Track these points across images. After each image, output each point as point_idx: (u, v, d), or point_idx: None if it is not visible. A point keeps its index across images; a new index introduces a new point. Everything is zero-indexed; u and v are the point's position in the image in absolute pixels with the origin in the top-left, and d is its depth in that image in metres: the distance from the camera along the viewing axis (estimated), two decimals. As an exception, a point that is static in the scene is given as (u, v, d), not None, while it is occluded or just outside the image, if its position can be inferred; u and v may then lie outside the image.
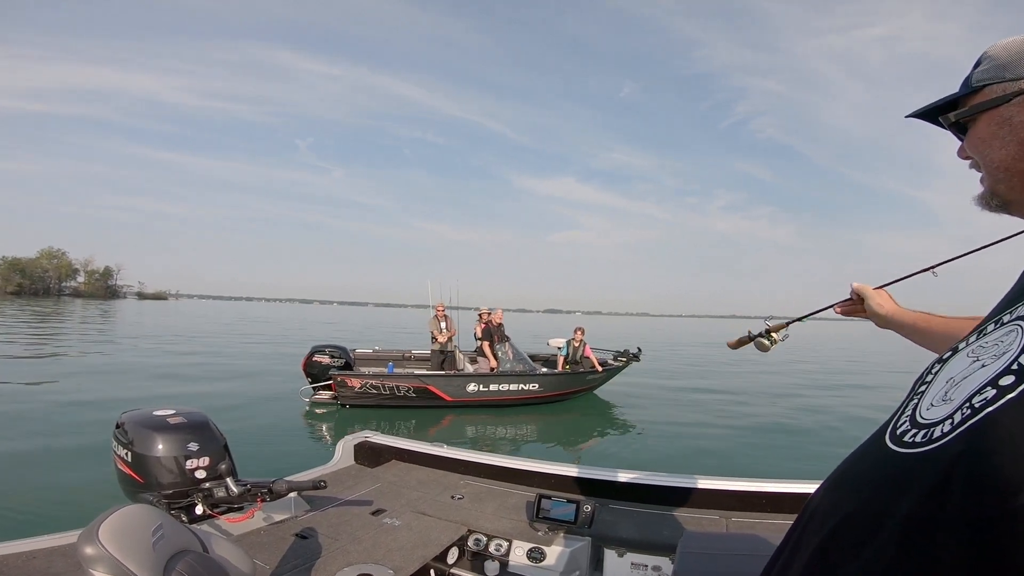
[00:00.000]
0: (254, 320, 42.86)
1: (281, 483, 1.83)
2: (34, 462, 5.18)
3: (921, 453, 0.44)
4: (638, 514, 2.13)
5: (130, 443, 1.83)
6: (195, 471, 1.83)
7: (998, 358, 0.45)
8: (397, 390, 8.20)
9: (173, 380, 10.59)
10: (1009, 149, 0.55)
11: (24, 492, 4.34)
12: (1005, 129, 0.56)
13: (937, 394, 0.49)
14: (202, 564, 1.09)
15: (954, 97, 0.62)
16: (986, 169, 0.59)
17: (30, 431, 6.28)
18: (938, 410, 0.46)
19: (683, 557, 1.39)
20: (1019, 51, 0.57)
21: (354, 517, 2.06)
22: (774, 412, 9.57)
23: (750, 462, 6.36)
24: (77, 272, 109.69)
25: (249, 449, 5.75)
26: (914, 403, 0.52)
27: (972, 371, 0.47)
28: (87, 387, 9.28)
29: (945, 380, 0.50)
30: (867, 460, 0.51)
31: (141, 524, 1.02)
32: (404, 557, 1.76)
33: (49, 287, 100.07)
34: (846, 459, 0.55)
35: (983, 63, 0.59)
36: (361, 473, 2.60)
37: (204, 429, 1.93)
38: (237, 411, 7.86)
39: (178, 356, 14.77)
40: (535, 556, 1.89)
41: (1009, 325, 0.50)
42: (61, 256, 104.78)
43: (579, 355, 9.67)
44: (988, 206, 0.61)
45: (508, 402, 8.79)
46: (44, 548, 1.57)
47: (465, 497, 2.32)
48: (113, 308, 54.41)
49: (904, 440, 0.47)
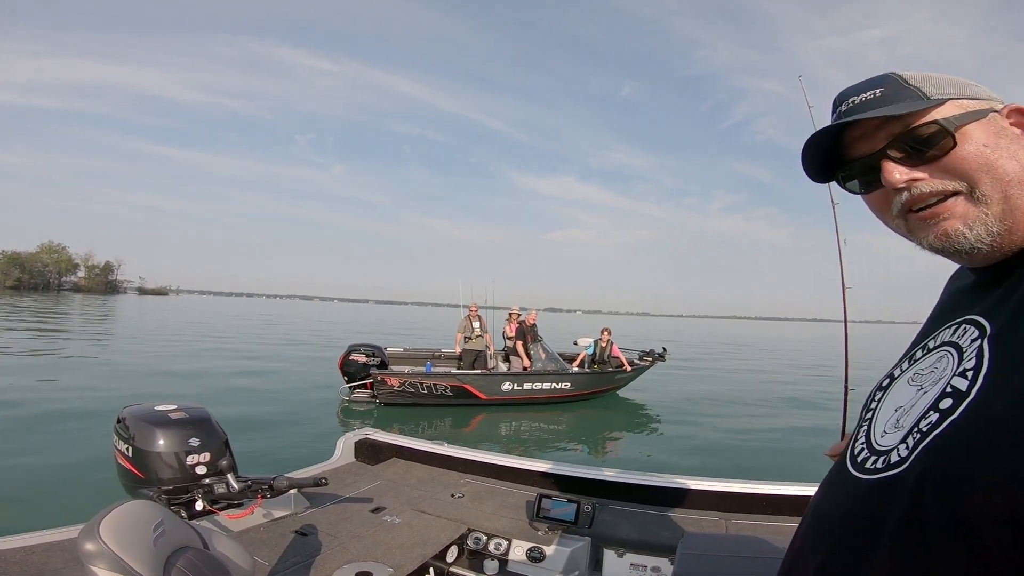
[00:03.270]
0: (261, 318, 42.90)
1: (282, 480, 1.83)
2: (33, 456, 5.12)
3: (887, 478, 0.47)
4: (638, 515, 2.13)
5: (131, 438, 1.82)
6: (196, 467, 1.82)
7: (935, 384, 0.50)
8: (435, 389, 8.37)
9: (202, 379, 10.72)
10: (1017, 160, 0.49)
11: (22, 487, 4.33)
12: (1004, 140, 0.50)
13: (888, 421, 0.53)
14: (203, 560, 1.09)
15: (913, 109, 0.51)
16: (994, 186, 0.49)
17: (29, 427, 6.19)
18: (891, 437, 0.50)
19: (683, 558, 1.38)
20: (950, 79, 0.54)
21: (354, 514, 2.07)
22: (799, 413, 9.76)
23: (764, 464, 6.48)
24: (77, 267, 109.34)
25: (289, 448, 5.86)
26: (865, 430, 0.56)
27: (917, 398, 0.51)
28: (94, 383, 9.24)
29: (894, 408, 0.54)
30: (837, 491, 0.55)
31: (142, 520, 1.02)
32: (403, 555, 1.77)
33: (49, 282, 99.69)
34: (818, 490, 0.59)
35: (915, 83, 0.53)
36: (361, 470, 2.60)
37: (205, 425, 1.92)
38: (275, 409, 8.04)
39: (200, 355, 14.89)
40: (535, 555, 1.90)
41: (938, 351, 0.54)
42: (61, 251, 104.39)
43: (607, 355, 9.86)
44: (982, 242, 0.50)
45: (540, 400, 8.98)
46: (42, 543, 1.55)
47: (465, 496, 2.32)
48: (114, 303, 54.25)
49: (866, 467, 0.51)
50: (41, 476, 4.61)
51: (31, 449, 5.36)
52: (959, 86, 0.53)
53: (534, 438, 7.67)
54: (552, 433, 8.02)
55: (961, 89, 0.53)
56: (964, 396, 0.45)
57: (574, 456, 6.89)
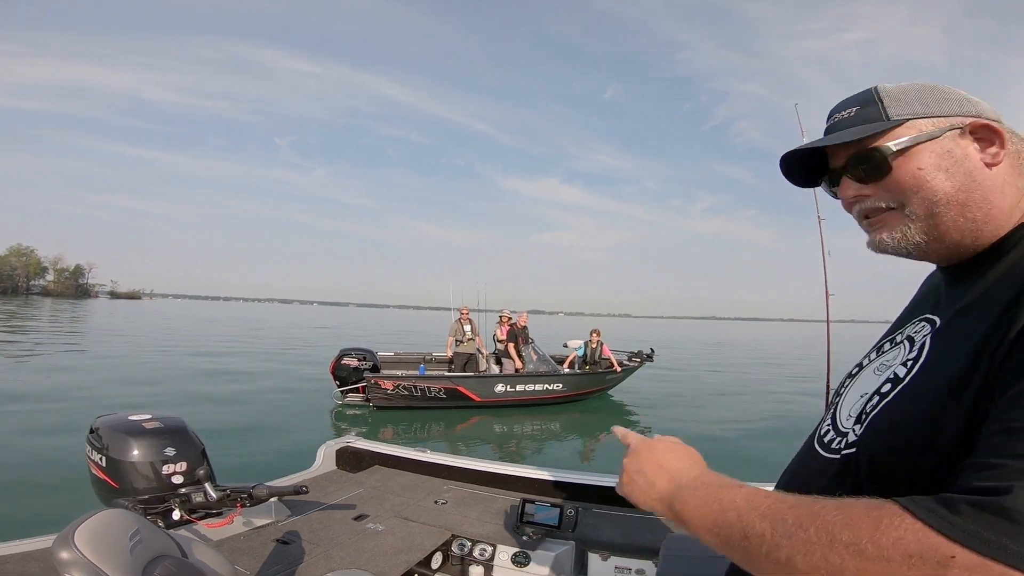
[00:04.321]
0: (240, 322, 42.07)
1: (261, 488, 1.81)
2: (2, 466, 4.98)
3: (844, 456, 0.56)
4: (621, 518, 2.14)
5: (104, 448, 1.80)
6: (172, 476, 1.81)
7: (886, 372, 0.58)
8: (428, 391, 8.40)
9: (196, 383, 10.55)
10: (956, 180, 0.56)
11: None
12: (948, 160, 0.56)
13: (853, 405, 0.61)
14: (181, 569, 1.07)
15: (861, 136, 0.59)
16: (921, 206, 0.57)
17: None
18: (851, 420, 0.59)
19: (666, 560, 1.40)
20: (927, 93, 0.59)
21: (336, 522, 2.06)
22: (784, 411, 10.05)
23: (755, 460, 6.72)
24: (46, 270, 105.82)
25: (284, 455, 5.74)
26: (832, 412, 0.65)
27: (874, 384, 0.59)
28: (64, 392, 8.99)
29: (859, 395, 0.61)
30: (805, 463, 0.64)
31: (118, 528, 1.00)
32: (387, 562, 1.76)
33: (17, 285, 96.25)
34: (791, 461, 0.69)
35: (885, 102, 0.60)
36: (343, 478, 2.58)
37: (181, 434, 1.91)
38: (267, 414, 7.99)
39: (187, 359, 14.61)
40: (520, 560, 1.90)
41: (899, 345, 0.62)
42: (30, 254, 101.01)
43: (597, 355, 10.02)
44: (906, 249, 0.60)
45: (533, 402, 9.09)
46: (16, 553, 1.52)
47: (448, 502, 2.31)
48: (84, 308, 52.45)
49: (830, 446, 0.60)
50: (12, 486, 4.51)
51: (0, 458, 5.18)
52: (928, 102, 0.59)
53: (528, 439, 7.76)
54: (547, 433, 8.11)
55: (928, 106, 0.58)
56: (900, 381, 0.54)
57: (562, 458, 6.97)
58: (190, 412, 7.23)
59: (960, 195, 0.56)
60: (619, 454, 0.69)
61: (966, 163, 0.56)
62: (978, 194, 0.55)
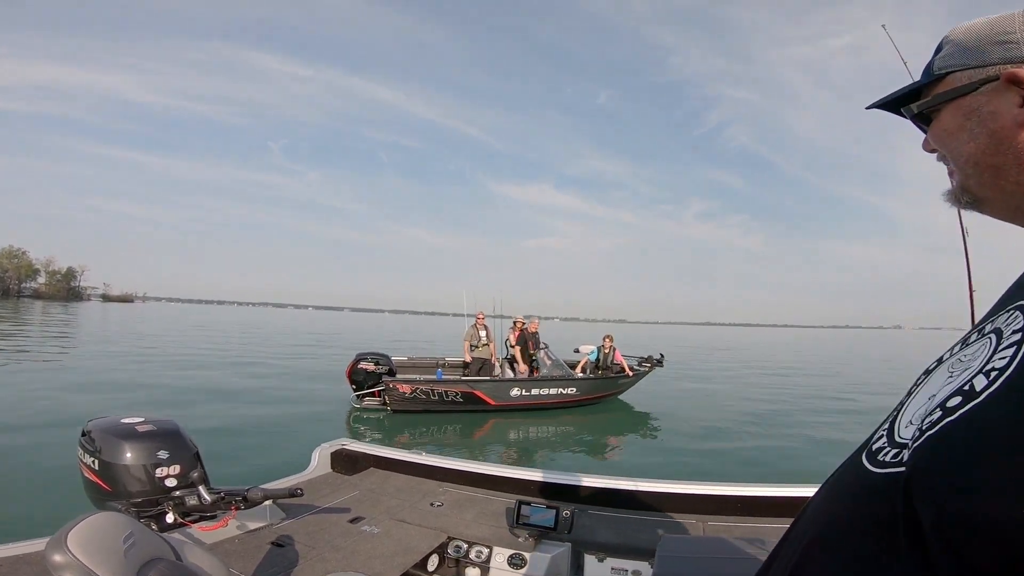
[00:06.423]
0: (238, 326, 41.85)
1: (256, 491, 1.81)
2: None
3: (891, 475, 0.42)
4: (617, 519, 2.15)
5: (97, 451, 1.79)
6: (165, 479, 1.80)
7: (961, 375, 0.43)
8: (445, 395, 8.49)
9: (209, 393, 10.55)
10: (979, 142, 0.49)
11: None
12: (973, 120, 0.49)
13: (916, 411, 0.46)
14: (175, 572, 1.07)
15: (916, 86, 0.54)
16: (955, 163, 0.52)
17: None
18: (910, 430, 0.44)
19: (662, 561, 1.40)
20: (984, 34, 0.49)
21: (332, 525, 2.05)
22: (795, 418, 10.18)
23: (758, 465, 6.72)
24: (38, 273, 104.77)
25: (297, 456, 5.73)
26: (893, 417, 0.50)
27: (942, 388, 0.44)
28: (55, 394, 8.84)
29: (927, 396, 0.46)
30: (842, 478, 0.51)
31: (111, 531, 0.99)
32: (383, 564, 1.75)
33: (8, 288, 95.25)
34: (833, 472, 0.54)
35: (944, 48, 0.53)
36: (338, 481, 2.56)
37: (175, 437, 1.90)
38: (285, 419, 8.03)
39: (202, 366, 14.57)
40: (516, 562, 1.89)
41: (985, 337, 0.47)
42: (21, 256, 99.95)
43: (609, 360, 10.14)
44: (958, 202, 0.54)
45: (547, 406, 9.21)
46: (8, 556, 1.52)
47: (444, 504, 2.31)
48: (75, 311, 51.69)
49: (878, 459, 0.45)
50: (4, 489, 4.50)
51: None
52: (972, 50, 0.50)
53: (544, 442, 7.86)
54: (560, 436, 8.21)
55: (969, 55, 0.50)
56: (974, 396, 0.39)
57: (562, 459, 7.03)
58: (214, 413, 7.08)
59: (988, 158, 0.48)
60: (632, 456, 0.66)
61: (989, 123, 0.48)
62: (1011, 156, 0.47)
